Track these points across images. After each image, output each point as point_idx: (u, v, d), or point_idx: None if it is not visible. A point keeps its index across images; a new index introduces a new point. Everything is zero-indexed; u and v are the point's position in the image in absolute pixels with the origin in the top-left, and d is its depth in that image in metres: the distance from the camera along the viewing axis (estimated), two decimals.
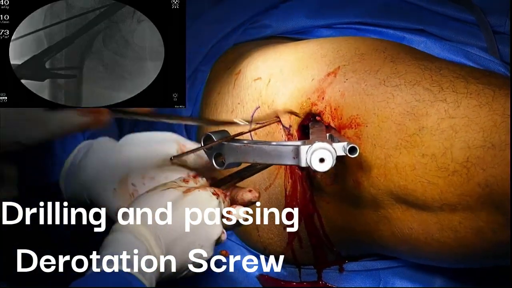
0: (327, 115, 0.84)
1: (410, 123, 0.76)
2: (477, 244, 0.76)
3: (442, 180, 0.74)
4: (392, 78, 0.80)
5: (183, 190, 0.71)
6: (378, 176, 0.79)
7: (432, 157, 0.74)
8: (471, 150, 0.72)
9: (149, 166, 0.79)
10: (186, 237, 0.68)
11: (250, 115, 0.95)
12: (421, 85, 0.77)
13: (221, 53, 1.17)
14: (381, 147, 0.78)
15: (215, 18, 1.19)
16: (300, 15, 1.15)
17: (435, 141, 0.74)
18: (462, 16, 1.12)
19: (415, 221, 0.80)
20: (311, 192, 0.90)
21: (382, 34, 1.11)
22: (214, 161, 0.76)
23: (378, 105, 0.79)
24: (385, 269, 0.99)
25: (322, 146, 0.67)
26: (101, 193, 0.79)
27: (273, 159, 0.72)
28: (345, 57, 0.86)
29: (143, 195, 0.72)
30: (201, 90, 1.15)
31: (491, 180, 0.71)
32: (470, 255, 0.79)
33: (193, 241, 0.69)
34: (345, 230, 0.90)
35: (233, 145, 0.75)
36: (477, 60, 1.05)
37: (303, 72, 0.88)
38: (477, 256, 0.79)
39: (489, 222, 0.73)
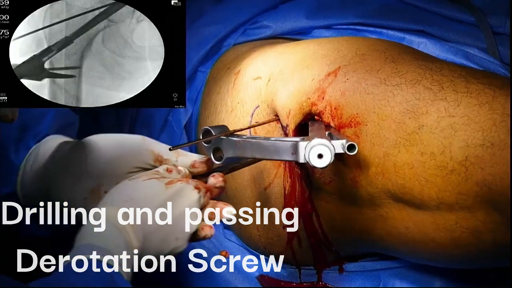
0: (327, 115, 0.84)
1: (409, 121, 0.76)
2: (473, 244, 0.76)
3: (440, 178, 0.74)
4: (393, 77, 0.80)
5: (165, 182, 0.70)
6: (376, 174, 0.79)
7: (431, 155, 0.74)
8: (470, 149, 0.72)
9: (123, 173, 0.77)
10: (162, 229, 0.67)
11: (249, 114, 0.96)
12: (422, 84, 0.78)
13: (221, 54, 1.17)
14: (380, 145, 0.78)
15: (215, 19, 1.20)
16: (299, 16, 1.15)
17: (434, 139, 0.74)
18: (462, 17, 1.12)
19: (410, 220, 0.80)
20: (309, 191, 0.90)
21: (382, 34, 1.11)
22: (212, 155, 0.76)
23: (378, 104, 0.79)
24: (385, 270, 0.98)
25: (321, 142, 0.68)
26: (69, 202, 0.78)
27: (271, 154, 0.72)
28: (346, 57, 0.86)
29: (125, 183, 0.70)
30: (201, 90, 1.15)
31: (489, 179, 0.71)
32: (468, 256, 0.79)
33: (169, 233, 0.68)
34: (343, 229, 0.90)
35: (231, 139, 0.75)
36: (477, 61, 1.05)
37: (303, 72, 0.88)
38: (474, 256, 0.79)
39: (486, 222, 0.73)
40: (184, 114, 1.15)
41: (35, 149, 0.82)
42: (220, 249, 1.06)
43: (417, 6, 1.14)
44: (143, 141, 0.79)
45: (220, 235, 1.08)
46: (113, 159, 0.77)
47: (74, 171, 0.78)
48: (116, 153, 0.77)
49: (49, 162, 0.80)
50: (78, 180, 0.77)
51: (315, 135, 0.74)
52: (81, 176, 0.77)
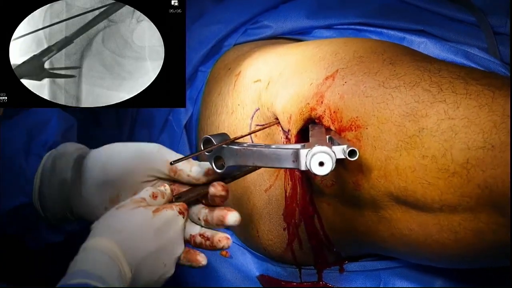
0: (326, 119, 0.83)
1: (410, 125, 0.76)
2: (476, 245, 0.76)
3: (442, 181, 0.74)
4: (391, 80, 0.80)
5: (152, 209, 0.71)
6: (379, 178, 0.79)
7: (432, 158, 0.74)
8: (471, 152, 0.72)
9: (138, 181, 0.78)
10: (152, 256, 0.68)
11: (249, 117, 0.95)
12: (420, 86, 0.77)
13: (221, 53, 1.17)
14: (381, 149, 0.78)
15: (215, 19, 1.19)
16: (300, 16, 1.15)
17: (435, 142, 0.74)
18: (463, 17, 1.12)
19: (414, 222, 0.79)
20: (311, 193, 0.90)
21: (382, 34, 1.11)
22: (213, 164, 0.76)
23: (377, 107, 0.79)
24: (386, 270, 0.98)
25: (322, 150, 0.67)
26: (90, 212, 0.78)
27: (272, 162, 0.72)
28: (344, 60, 0.86)
29: (113, 213, 0.70)
30: (201, 91, 1.15)
31: (490, 181, 0.70)
32: (470, 256, 0.79)
33: (157, 260, 0.69)
34: (345, 231, 0.90)
35: (232, 148, 0.74)
36: (477, 60, 1.04)
37: (302, 75, 0.88)
38: (477, 257, 0.79)
39: (489, 223, 0.73)
40: (184, 114, 1.14)
41: (49, 158, 0.82)
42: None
43: (418, 6, 1.14)
44: (158, 150, 0.78)
45: None
46: (130, 167, 0.77)
47: (94, 180, 0.78)
48: (133, 162, 0.78)
49: (68, 173, 0.80)
50: (99, 190, 0.78)
51: (316, 141, 0.73)
52: (101, 185, 0.78)
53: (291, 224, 0.93)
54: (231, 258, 1.04)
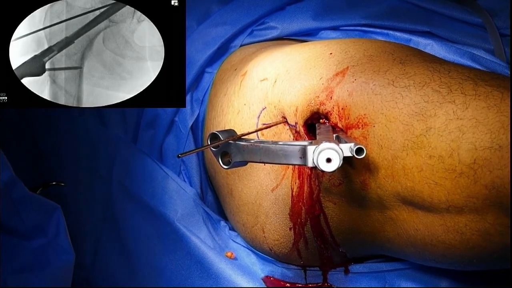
0: (334, 115, 0.83)
1: (417, 124, 0.76)
2: (483, 246, 0.75)
3: (449, 181, 0.73)
4: (401, 79, 0.79)
5: None
6: (386, 177, 0.79)
7: (439, 158, 0.74)
8: (478, 152, 0.71)
9: None
10: None
11: (256, 116, 0.95)
12: (430, 86, 0.77)
13: (228, 55, 1.18)
14: (388, 148, 0.78)
15: (222, 20, 1.20)
16: (306, 17, 1.16)
17: (442, 142, 0.74)
18: (469, 19, 1.12)
19: (420, 223, 0.79)
20: (317, 192, 0.89)
21: (388, 36, 1.11)
22: (220, 160, 0.76)
23: (386, 105, 0.79)
24: (391, 271, 0.98)
25: (329, 147, 0.67)
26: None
27: (279, 158, 0.72)
28: (354, 58, 0.86)
29: None
30: (208, 92, 1.15)
31: (497, 182, 0.70)
32: (476, 257, 0.78)
33: None
34: (351, 231, 0.90)
35: (239, 144, 0.75)
36: (483, 62, 1.04)
37: (311, 71, 0.88)
38: (483, 258, 0.78)
39: (496, 224, 0.72)
40: (190, 115, 1.15)
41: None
42: (225, 250, 1.05)
43: (424, 7, 1.15)
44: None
45: (225, 236, 1.07)
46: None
47: None
48: None
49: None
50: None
51: (323, 138, 0.74)
52: None
53: (297, 223, 0.93)
54: (236, 259, 1.04)
